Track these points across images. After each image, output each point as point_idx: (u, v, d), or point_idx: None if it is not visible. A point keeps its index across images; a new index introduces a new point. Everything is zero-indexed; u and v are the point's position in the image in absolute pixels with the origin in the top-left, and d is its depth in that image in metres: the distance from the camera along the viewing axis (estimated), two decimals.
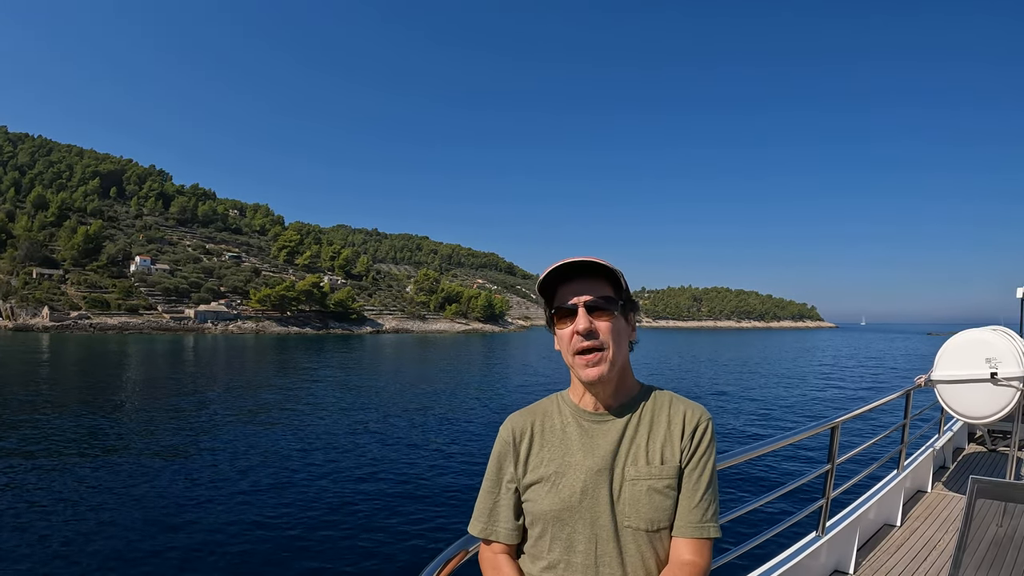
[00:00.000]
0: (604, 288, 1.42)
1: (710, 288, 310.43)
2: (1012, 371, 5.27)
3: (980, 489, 3.20)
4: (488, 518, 1.51)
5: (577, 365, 1.41)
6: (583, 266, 1.40)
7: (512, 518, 1.49)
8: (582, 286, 1.41)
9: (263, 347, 62.93)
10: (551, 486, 1.42)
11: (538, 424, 1.51)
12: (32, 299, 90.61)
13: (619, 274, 1.42)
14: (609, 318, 1.40)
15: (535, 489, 1.44)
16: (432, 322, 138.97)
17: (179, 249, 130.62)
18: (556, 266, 1.39)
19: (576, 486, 1.39)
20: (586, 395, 1.48)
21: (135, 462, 13.08)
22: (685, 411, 1.47)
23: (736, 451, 2.85)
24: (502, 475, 1.51)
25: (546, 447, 1.47)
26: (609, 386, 1.44)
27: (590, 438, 1.44)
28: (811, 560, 3.75)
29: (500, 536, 1.49)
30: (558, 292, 1.45)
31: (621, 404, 1.48)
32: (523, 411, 1.56)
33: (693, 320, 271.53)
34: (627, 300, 1.47)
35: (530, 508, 1.45)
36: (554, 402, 1.56)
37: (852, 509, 4.50)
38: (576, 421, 1.48)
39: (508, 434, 1.52)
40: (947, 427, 7.26)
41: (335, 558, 8.11)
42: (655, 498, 1.38)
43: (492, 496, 1.52)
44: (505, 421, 1.56)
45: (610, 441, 1.43)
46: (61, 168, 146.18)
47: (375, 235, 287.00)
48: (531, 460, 1.47)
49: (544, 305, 1.50)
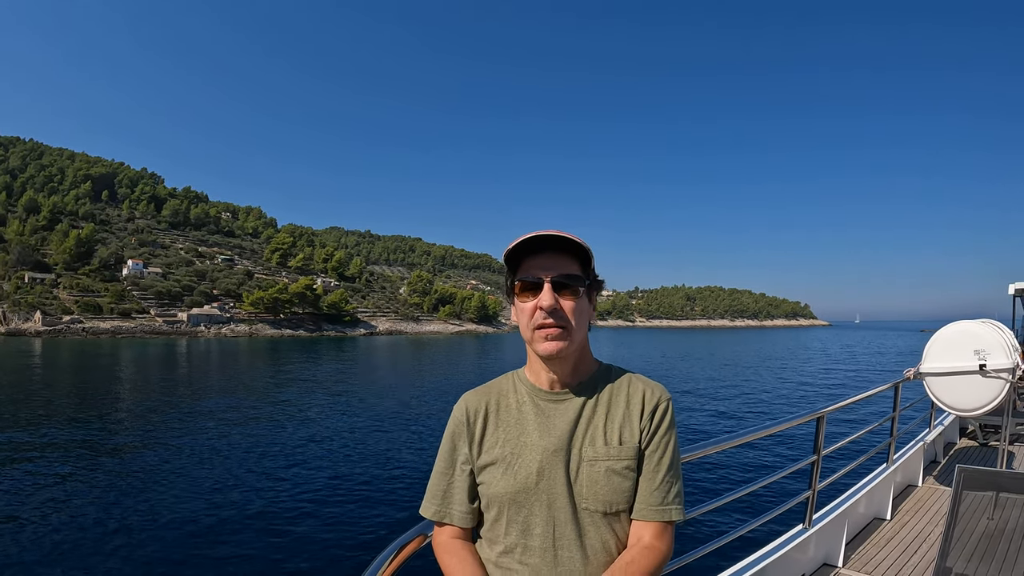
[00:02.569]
0: (571, 265, 1.36)
1: (704, 287, 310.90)
2: (1001, 363, 5.26)
3: (967, 478, 3.17)
4: (442, 500, 1.45)
5: (536, 339, 1.35)
6: (553, 240, 1.34)
7: (467, 500, 1.43)
8: (550, 260, 1.34)
9: (256, 350, 62.63)
10: (506, 467, 1.36)
11: (493, 403, 1.45)
12: (24, 304, 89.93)
13: (589, 252, 1.36)
14: (574, 297, 1.34)
15: (490, 471, 1.39)
16: (426, 323, 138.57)
17: (172, 252, 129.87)
18: (526, 237, 1.32)
19: (532, 467, 1.34)
20: (543, 373, 1.42)
21: (125, 467, 13.02)
22: (644, 390, 1.42)
23: (720, 438, 2.83)
24: (456, 456, 1.45)
25: (501, 427, 1.42)
26: (567, 363, 1.39)
27: (546, 418, 1.39)
28: (799, 552, 3.72)
29: (454, 519, 1.43)
30: (523, 263, 1.38)
31: (579, 383, 1.42)
32: (477, 390, 1.50)
33: (687, 319, 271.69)
34: (592, 279, 1.41)
35: (485, 490, 1.40)
36: (509, 380, 1.50)
37: (840, 502, 4.48)
38: (532, 400, 1.42)
39: (462, 413, 1.46)
40: (938, 421, 7.23)
41: (321, 552, 8.07)
42: (613, 479, 1.33)
43: (446, 477, 1.45)
44: (459, 400, 1.50)
45: (567, 421, 1.37)
46: (52, 171, 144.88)
47: (368, 237, 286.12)
48: (486, 440, 1.42)
49: (508, 274, 1.43)
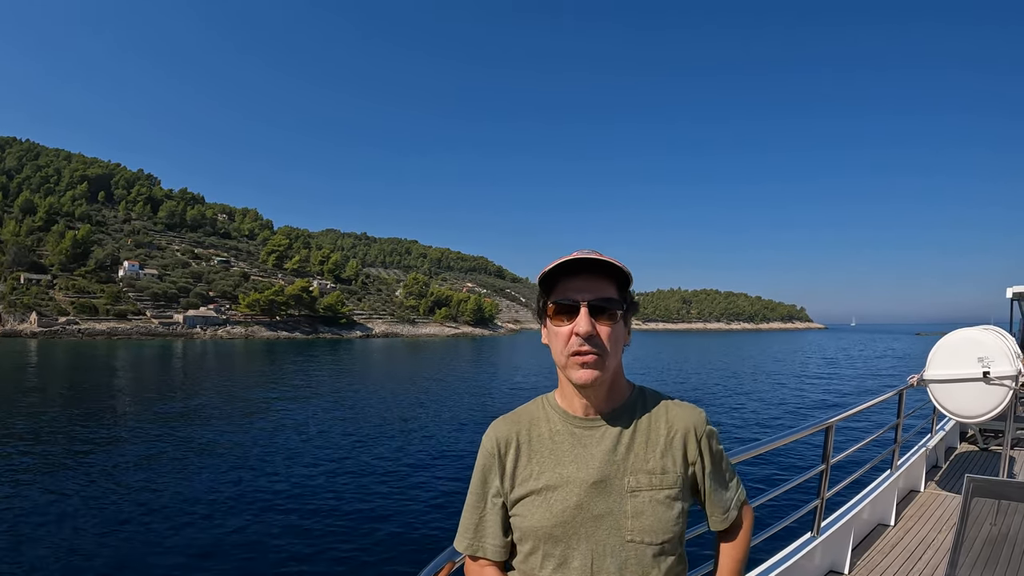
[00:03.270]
0: (609, 288, 1.29)
1: (699, 290, 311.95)
2: (1004, 370, 5.27)
3: (976, 488, 3.19)
4: (474, 534, 1.39)
5: (570, 366, 1.27)
6: (590, 262, 1.27)
7: (500, 534, 1.37)
8: (586, 283, 1.27)
9: (252, 352, 62.48)
10: (542, 500, 1.30)
11: (524, 433, 1.38)
12: (20, 305, 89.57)
13: (628, 275, 1.30)
14: (611, 322, 1.28)
15: (524, 504, 1.32)
16: (422, 326, 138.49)
17: (168, 254, 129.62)
18: (564, 260, 1.26)
19: (570, 500, 1.27)
20: (576, 399, 1.34)
21: (120, 471, 12.93)
22: (684, 418, 1.37)
23: (731, 453, 2.83)
24: (487, 489, 1.38)
25: (535, 458, 1.34)
26: (601, 389, 1.32)
27: (583, 447, 1.32)
28: (806, 560, 3.74)
29: (487, 553, 1.38)
30: (559, 284, 1.30)
31: (613, 409, 1.36)
32: (506, 418, 1.42)
33: (683, 322, 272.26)
34: (629, 303, 1.34)
35: (519, 524, 1.33)
36: (540, 407, 1.42)
37: (847, 509, 4.50)
38: (566, 428, 1.35)
39: (492, 445, 1.38)
40: (939, 427, 7.27)
41: (323, 568, 8.01)
42: (659, 509, 1.28)
43: (477, 511, 1.39)
44: (488, 430, 1.42)
45: (604, 450, 1.31)
46: (49, 172, 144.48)
47: (364, 239, 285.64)
48: (519, 473, 1.35)
49: (541, 294, 1.35)
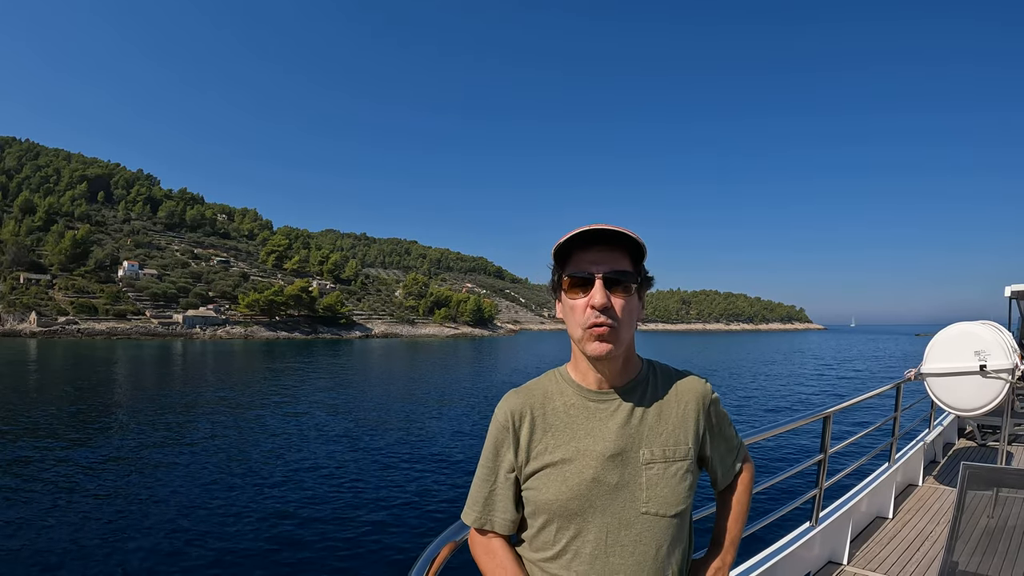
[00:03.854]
0: (623, 261, 1.29)
1: (699, 291, 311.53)
2: (1001, 363, 5.32)
3: (972, 475, 3.21)
4: (483, 507, 1.38)
5: (586, 338, 1.28)
6: (605, 234, 1.26)
7: (510, 508, 1.37)
8: (601, 255, 1.27)
9: (251, 352, 62.41)
10: (558, 473, 1.30)
11: (539, 406, 1.37)
12: (19, 304, 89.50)
13: (643, 246, 1.29)
14: (626, 295, 1.28)
15: (539, 477, 1.32)
16: (421, 326, 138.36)
17: (167, 254, 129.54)
18: (578, 232, 1.25)
19: (587, 473, 1.28)
20: (590, 373, 1.35)
21: (119, 469, 12.97)
22: (692, 389, 1.41)
23: None
24: (499, 463, 1.37)
25: (550, 432, 1.34)
26: (616, 363, 1.34)
27: (598, 420, 1.33)
28: (805, 550, 3.76)
29: (496, 526, 1.38)
30: (573, 257, 1.30)
31: (627, 382, 1.37)
32: (519, 391, 1.41)
33: (682, 323, 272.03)
34: (643, 276, 1.34)
35: (534, 497, 1.32)
36: (553, 380, 1.41)
37: (845, 500, 4.53)
38: (581, 401, 1.36)
39: (505, 418, 1.37)
40: (937, 422, 7.31)
41: (322, 557, 8.06)
42: (672, 481, 1.30)
43: (488, 484, 1.39)
44: (500, 403, 1.41)
45: (619, 423, 1.32)
46: (48, 172, 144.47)
47: (364, 239, 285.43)
48: (534, 446, 1.34)
49: (555, 268, 1.35)
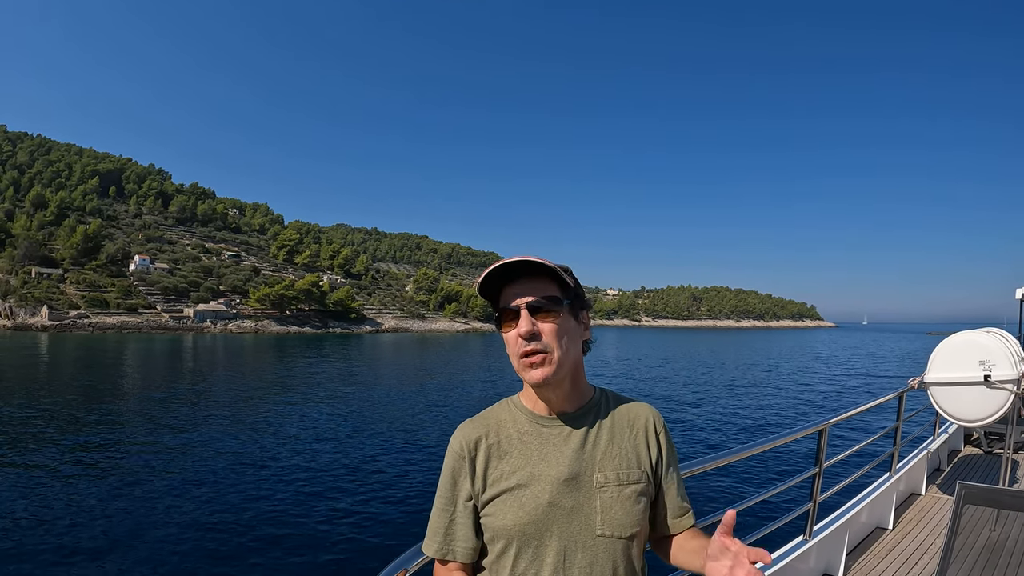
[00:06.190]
0: (549, 287, 1.32)
1: (710, 287, 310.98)
2: (1006, 374, 5.23)
3: (968, 495, 3.16)
4: (444, 537, 1.39)
5: (522, 367, 1.32)
6: (525, 266, 1.30)
7: (471, 536, 1.38)
8: (525, 287, 1.32)
9: (262, 347, 62.82)
10: (514, 499, 1.32)
11: (492, 434, 1.40)
12: (31, 298, 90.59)
13: (562, 272, 1.32)
14: (554, 319, 1.31)
15: (496, 503, 1.34)
16: (431, 321, 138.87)
17: (178, 248, 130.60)
18: (494, 267, 1.30)
19: (542, 497, 1.31)
20: (539, 400, 1.40)
21: (128, 463, 13.05)
22: (643, 414, 1.44)
23: (722, 453, 2.82)
24: (457, 492, 1.39)
25: (505, 458, 1.37)
26: (559, 389, 1.36)
27: (552, 445, 1.36)
28: (799, 563, 3.72)
29: (458, 555, 1.38)
30: (503, 293, 1.35)
31: (578, 408, 1.40)
32: (473, 420, 1.45)
33: (693, 319, 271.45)
34: (575, 298, 1.37)
35: (491, 523, 1.34)
36: (506, 409, 1.45)
37: (842, 512, 4.47)
38: (533, 428, 1.39)
39: (461, 447, 1.39)
40: (942, 429, 7.20)
41: (319, 551, 8.09)
42: (627, 504, 1.33)
43: (447, 514, 1.39)
44: (455, 433, 1.43)
45: (573, 448, 1.35)
46: (60, 167, 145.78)
47: (374, 234, 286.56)
48: (490, 473, 1.37)
49: (493, 307, 1.40)
